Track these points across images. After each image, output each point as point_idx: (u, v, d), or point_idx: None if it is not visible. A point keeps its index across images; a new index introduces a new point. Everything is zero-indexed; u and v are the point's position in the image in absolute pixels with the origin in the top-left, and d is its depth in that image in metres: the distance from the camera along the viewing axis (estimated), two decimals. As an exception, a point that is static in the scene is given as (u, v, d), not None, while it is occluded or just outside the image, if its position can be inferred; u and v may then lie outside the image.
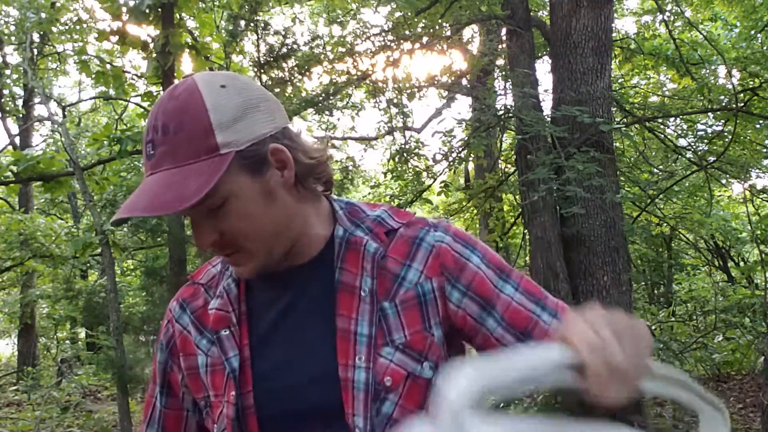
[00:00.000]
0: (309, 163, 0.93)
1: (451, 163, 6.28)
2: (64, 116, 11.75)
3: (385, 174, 7.13)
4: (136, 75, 7.86)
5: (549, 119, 4.98)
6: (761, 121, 7.20)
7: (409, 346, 0.93)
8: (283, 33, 6.02)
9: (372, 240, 0.97)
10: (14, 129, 11.30)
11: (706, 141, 7.26)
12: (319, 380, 0.93)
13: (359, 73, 5.84)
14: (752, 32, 8.77)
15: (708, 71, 7.89)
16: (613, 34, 6.23)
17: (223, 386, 0.96)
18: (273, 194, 0.90)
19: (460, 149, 5.75)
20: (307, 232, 0.97)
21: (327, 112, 6.91)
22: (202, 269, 1.08)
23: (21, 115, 11.14)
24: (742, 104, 6.49)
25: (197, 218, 0.89)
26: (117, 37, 6.17)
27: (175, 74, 6.38)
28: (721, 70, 7.96)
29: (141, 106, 7.46)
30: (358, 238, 0.97)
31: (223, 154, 0.84)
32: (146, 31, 6.29)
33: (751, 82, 6.99)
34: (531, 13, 5.63)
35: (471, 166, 9.74)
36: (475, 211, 7.72)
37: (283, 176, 0.91)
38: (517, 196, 6.62)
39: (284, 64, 5.95)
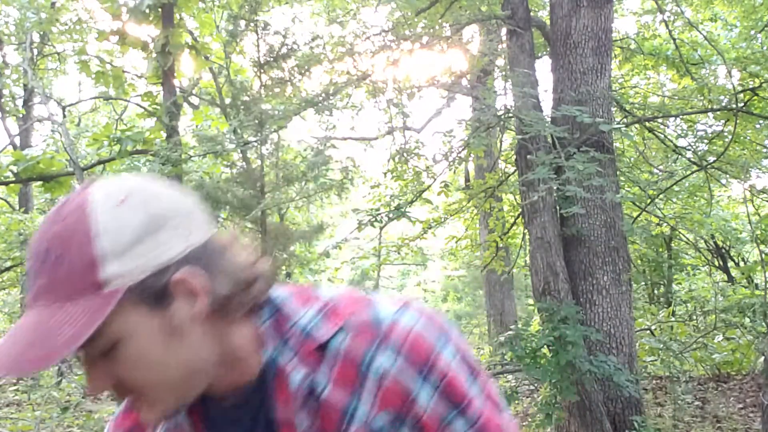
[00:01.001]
0: (228, 293, 0.76)
1: (451, 163, 6.28)
2: (64, 116, 11.75)
3: (385, 174, 7.14)
4: (136, 75, 7.86)
5: (549, 119, 4.98)
6: (761, 121, 7.21)
7: None
8: (283, 33, 6.01)
9: (299, 365, 0.78)
10: (14, 129, 11.31)
11: (706, 141, 7.27)
12: None
13: (359, 73, 5.84)
14: (752, 32, 8.77)
15: (708, 71, 7.90)
16: (613, 34, 6.23)
17: None
18: (179, 331, 0.74)
19: (460, 149, 5.75)
20: (232, 362, 0.80)
21: (327, 112, 6.91)
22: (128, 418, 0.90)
23: (21, 115, 11.15)
24: (742, 104, 6.49)
25: (87, 360, 0.73)
26: (117, 37, 6.18)
27: (175, 74, 6.39)
28: (721, 70, 7.97)
29: (141, 106, 7.46)
30: (282, 366, 0.79)
31: (109, 292, 0.69)
32: (146, 31, 6.29)
33: (751, 82, 7.00)
34: (531, 13, 5.63)
35: (471, 166, 9.75)
36: (475, 211, 7.73)
37: (194, 308, 0.74)
38: (517, 196, 6.63)
39: (284, 64, 5.94)
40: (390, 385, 0.77)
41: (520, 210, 5.57)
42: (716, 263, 10.59)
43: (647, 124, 6.78)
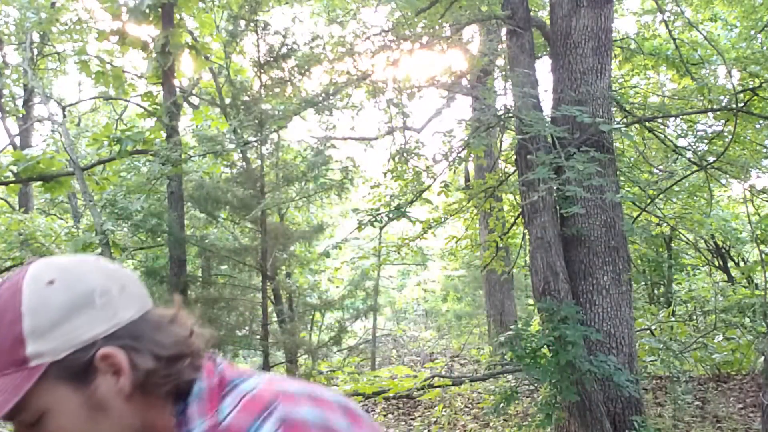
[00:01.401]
0: (151, 368, 0.80)
1: (451, 163, 6.28)
2: (64, 116, 11.75)
3: (385, 174, 7.14)
4: (136, 75, 7.86)
5: (549, 119, 4.98)
6: (761, 121, 7.20)
7: None
8: (283, 33, 6.02)
9: None
10: (14, 129, 11.31)
11: (706, 141, 7.27)
12: None
13: (359, 73, 5.84)
14: (752, 32, 8.77)
15: (708, 71, 7.89)
16: (613, 34, 6.22)
17: None
18: (103, 406, 0.78)
19: (460, 149, 5.74)
20: None
21: (327, 112, 6.92)
22: None
23: (21, 115, 11.14)
24: (742, 104, 6.49)
25: (17, 429, 0.79)
26: (117, 37, 6.17)
27: (175, 74, 6.39)
28: (721, 70, 7.97)
29: (141, 106, 7.45)
30: None
31: (33, 367, 0.75)
32: (146, 31, 6.29)
33: (751, 82, 6.99)
34: (531, 13, 5.63)
35: (471, 166, 9.74)
36: (475, 211, 7.73)
37: (118, 384, 0.79)
38: (517, 196, 6.62)
39: (284, 64, 5.94)
40: None
41: (520, 210, 5.57)
42: (716, 263, 10.59)
43: (647, 124, 6.77)
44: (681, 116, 7.52)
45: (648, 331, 7.90)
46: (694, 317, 9.34)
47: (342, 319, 6.92)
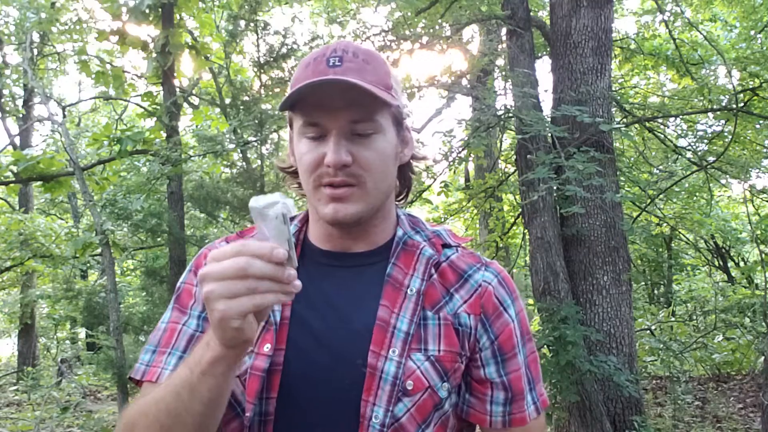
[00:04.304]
0: (413, 155, 1.07)
1: (451, 163, 6.27)
2: (64, 116, 11.75)
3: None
4: (136, 75, 7.86)
5: (549, 119, 4.98)
6: (761, 121, 7.20)
7: (440, 361, 0.95)
8: (283, 33, 6.01)
9: (429, 246, 1.03)
10: (14, 129, 11.30)
11: (706, 141, 7.26)
12: (349, 362, 0.94)
13: (359, 73, 5.82)
14: (752, 32, 8.77)
15: (708, 71, 7.89)
16: (613, 34, 6.22)
17: (258, 336, 0.95)
18: (395, 158, 1.01)
19: (460, 149, 5.74)
20: (385, 217, 1.04)
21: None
22: (252, 229, 1.08)
23: (21, 115, 11.14)
24: (742, 104, 6.48)
25: (340, 136, 0.94)
26: (117, 37, 6.17)
27: (175, 74, 6.38)
28: (721, 70, 7.95)
29: (141, 106, 7.44)
30: (415, 242, 1.03)
31: (391, 103, 0.96)
32: (146, 31, 6.28)
33: (751, 82, 6.98)
34: (531, 13, 5.62)
35: (471, 166, 9.74)
36: (475, 211, 7.72)
37: (402, 152, 1.04)
38: (517, 196, 6.62)
39: (284, 64, 5.94)
40: (488, 294, 1.00)
41: (520, 210, 5.57)
42: (716, 263, 10.59)
43: (647, 124, 6.77)
44: (681, 116, 7.51)
45: (648, 331, 7.90)
46: (694, 317, 9.34)
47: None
